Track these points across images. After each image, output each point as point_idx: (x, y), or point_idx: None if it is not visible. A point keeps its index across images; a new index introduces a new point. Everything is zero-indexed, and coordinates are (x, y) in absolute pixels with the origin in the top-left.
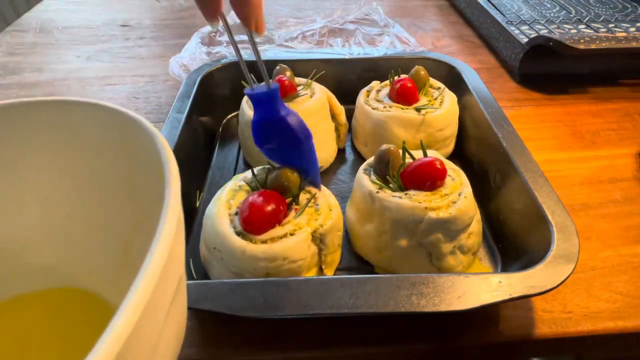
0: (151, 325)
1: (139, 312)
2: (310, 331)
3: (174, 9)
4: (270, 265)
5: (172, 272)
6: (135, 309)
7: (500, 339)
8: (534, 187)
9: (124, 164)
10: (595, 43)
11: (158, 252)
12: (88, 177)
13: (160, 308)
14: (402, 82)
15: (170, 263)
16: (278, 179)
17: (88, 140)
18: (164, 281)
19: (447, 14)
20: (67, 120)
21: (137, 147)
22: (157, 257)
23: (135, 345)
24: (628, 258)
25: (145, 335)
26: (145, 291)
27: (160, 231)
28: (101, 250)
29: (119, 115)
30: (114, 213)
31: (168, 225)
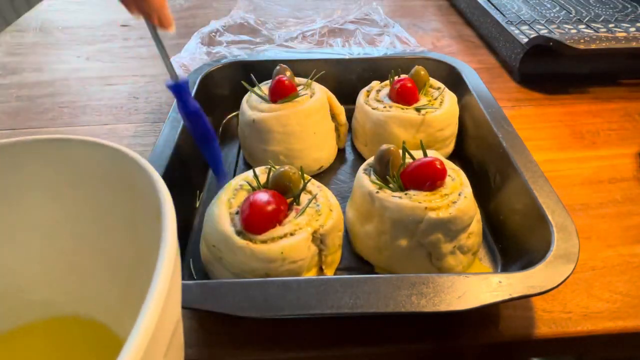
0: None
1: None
2: (310, 331)
3: (174, 9)
4: (270, 265)
5: (171, 309)
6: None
7: (500, 339)
8: (534, 187)
9: (124, 200)
10: (595, 43)
11: (158, 289)
12: (89, 213)
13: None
14: (402, 82)
15: (169, 300)
16: (279, 179)
17: (89, 177)
18: (164, 316)
19: (447, 14)
20: (70, 157)
21: (136, 184)
22: (157, 293)
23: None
24: (628, 258)
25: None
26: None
27: (160, 269)
28: (104, 283)
29: (120, 154)
30: (115, 247)
31: (167, 262)
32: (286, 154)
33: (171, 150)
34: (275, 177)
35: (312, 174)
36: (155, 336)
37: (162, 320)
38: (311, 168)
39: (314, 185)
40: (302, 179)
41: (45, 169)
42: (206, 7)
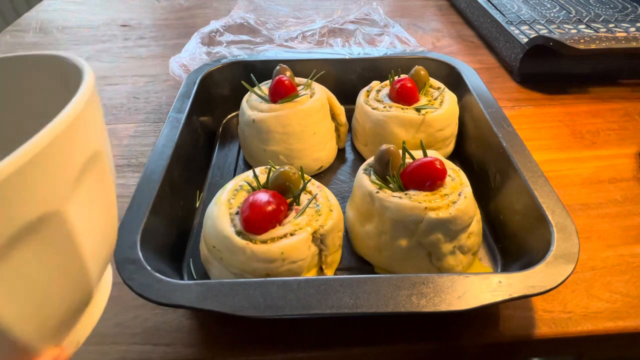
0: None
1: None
2: (310, 331)
3: (174, 9)
4: (271, 265)
5: (86, 133)
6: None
7: (500, 339)
8: (534, 187)
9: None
10: (595, 43)
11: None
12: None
13: (70, 158)
14: (402, 82)
15: (81, 123)
16: (279, 179)
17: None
18: (73, 134)
19: (447, 14)
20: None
21: (71, 79)
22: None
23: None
24: (628, 258)
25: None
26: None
27: (76, 97)
28: None
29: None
30: None
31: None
32: (286, 154)
33: (171, 150)
34: (275, 177)
35: (312, 174)
36: (64, 140)
37: (74, 130)
38: (311, 168)
39: (314, 185)
40: (302, 179)
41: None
42: (206, 7)
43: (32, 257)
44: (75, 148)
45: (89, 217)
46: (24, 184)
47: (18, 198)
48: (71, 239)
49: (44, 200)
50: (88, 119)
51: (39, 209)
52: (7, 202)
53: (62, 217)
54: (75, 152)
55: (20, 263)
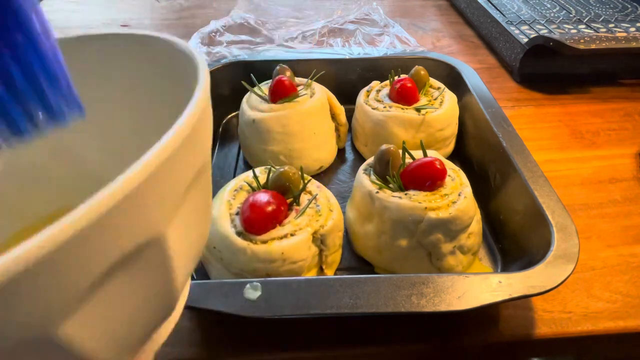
0: (169, 187)
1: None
2: (311, 331)
3: (174, 9)
4: (271, 265)
5: (196, 148)
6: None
7: (500, 339)
8: (534, 187)
9: (170, 84)
10: (595, 43)
11: (183, 122)
12: (139, 100)
13: (179, 178)
14: (402, 82)
15: (195, 137)
16: (279, 179)
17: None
18: (187, 150)
19: (447, 14)
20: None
21: (178, 66)
22: (182, 126)
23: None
24: (628, 258)
25: (158, 196)
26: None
27: (192, 105)
28: None
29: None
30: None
31: (200, 100)
32: (286, 154)
33: None
34: (275, 177)
35: (312, 174)
36: (178, 157)
37: (188, 145)
38: (311, 168)
39: (313, 185)
40: (302, 179)
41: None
42: (206, 7)
43: (124, 287)
44: (188, 162)
45: (186, 235)
46: (132, 210)
47: (123, 227)
48: (167, 263)
49: (148, 226)
50: (202, 128)
51: (142, 237)
52: (111, 232)
53: (163, 242)
54: (187, 167)
55: (113, 294)
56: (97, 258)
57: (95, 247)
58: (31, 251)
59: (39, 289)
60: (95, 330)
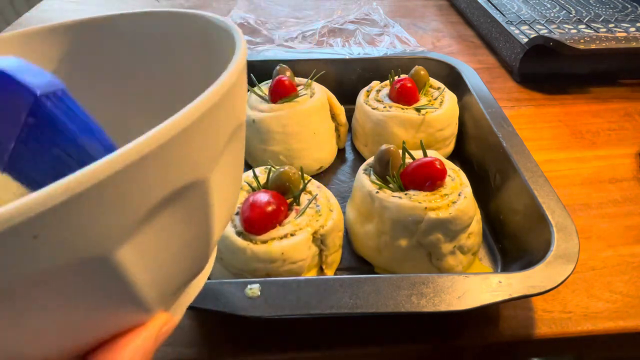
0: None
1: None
2: (310, 331)
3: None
4: (271, 265)
5: (235, 105)
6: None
7: (500, 339)
8: (534, 187)
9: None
10: (595, 43)
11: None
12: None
13: (221, 129)
14: (402, 82)
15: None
16: (279, 179)
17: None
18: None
19: (447, 14)
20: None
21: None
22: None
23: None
24: (628, 258)
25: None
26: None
27: (232, 63)
28: None
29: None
30: None
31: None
32: (286, 154)
33: None
34: (275, 177)
35: (312, 174)
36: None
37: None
38: (311, 168)
39: (313, 185)
40: (302, 179)
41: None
42: (206, 7)
43: (171, 224)
44: (228, 115)
45: (225, 186)
46: (183, 147)
47: (175, 162)
48: (208, 208)
49: (195, 167)
50: (240, 88)
51: (190, 176)
52: (165, 166)
53: (206, 186)
54: (228, 119)
55: (161, 229)
56: (153, 187)
57: (153, 177)
58: (102, 167)
59: (105, 208)
60: (145, 261)
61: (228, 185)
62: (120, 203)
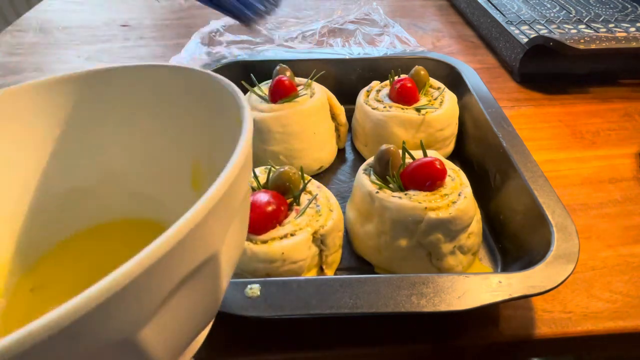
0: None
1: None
2: (310, 331)
3: (174, 9)
4: (271, 265)
5: (245, 177)
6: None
7: (500, 339)
8: (534, 187)
9: (208, 116)
10: (595, 43)
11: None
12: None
13: (232, 204)
14: (402, 82)
15: (245, 169)
16: (279, 179)
17: (180, 96)
18: (239, 180)
19: (447, 14)
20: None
21: (219, 101)
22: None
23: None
24: (628, 258)
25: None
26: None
27: (241, 143)
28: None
29: (206, 77)
30: (194, 156)
31: (247, 140)
32: (286, 154)
33: None
34: (275, 177)
35: (312, 174)
36: (230, 191)
37: (237, 182)
38: (311, 168)
39: (313, 185)
40: (302, 179)
41: (140, 90)
42: (206, 7)
43: (187, 298)
44: (239, 189)
45: (232, 249)
46: (200, 233)
47: (193, 247)
48: (219, 274)
49: (210, 245)
50: (249, 161)
51: (205, 254)
52: (184, 253)
53: (217, 257)
54: (238, 193)
55: (178, 304)
56: (173, 274)
57: (172, 266)
58: (128, 271)
59: (129, 302)
60: (164, 335)
61: (235, 243)
62: (144, 295)
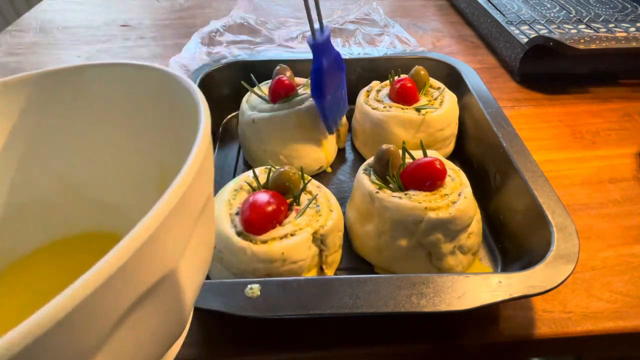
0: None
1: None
2: (310, 331)
3: (174, 9)
4: (271, 265)
5: (202, 186)
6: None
7: (500, 339)
8: (534, 187)
9: (170, 117)
10: (595, 43)
11: (192, 162)
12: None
13: (188, 215)
14: (402, 82)
15: (200, 177)
16: (279, 179)
17: (139, 96)
18: (194, 189)
19: (447, 14)
20: (123, 79)
21: (179, 101)
22: (190, 166)
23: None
24: (628, 258)
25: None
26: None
27: (195, 148)
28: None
29: (164, 74)
30: (159, 160)
31: (201, 144)
32: (286, 154)
33: None
34: (275, 177)
35: (312, 174)
36: (187, 197)
37: (194, 188)
38: (311, 168)
39: (313, 185)
40: (302, 179)
41: (101, 90)
42: (206, 7)
43: (144, 317)
44: (195, 199)
45: (194, 264)
46: (153, 249)
47: (144, 266)
48: (179, 292)
49: (165, 262)
50: (206, 165)
51: (159, 273)
52: (134, 273)
53: (175, 275)
54: (195, 203)
55: (135, 324)
56: (121, 298)
57: (119, 289)
58: (69, 298)
59: (76, 330)
60: (123, 357)
61: (199, 257)
62: (91, 321)
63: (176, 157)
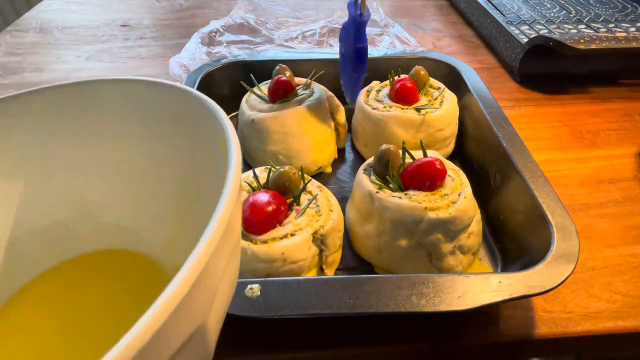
0: (211, 278)
1: (197, 274)
2: (310, 331)
3: (174, 9)
4: (271, 265)
5: (230, 237)
6: (194, 271)
7: (500, 339)
8: (534, 187)
9: (190, 137)
10: (595, 43)
11: (219, 218)
12: (157, 149)
13: (218, 269)
14: (402, 82)
15: (229, 230)
16: (279, 179)
17: (158, 114)
18: (221, 246)
19: (447, 14)
20: (141, 97)
21: (201, 122)
22: (218, 222)
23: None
24: (628, 258)
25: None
26: (204, 254)
27: (224, 198)
28: (161, 217)
29: (186, 94)
30: (177, 182)
31: (231, 193)
32: (285, 154)
33: None
34: (275, 177)
35: (311, 174)
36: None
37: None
38: (311, 168)
39: (313, 185)
40: (302, 179)
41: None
42: (206, 7)
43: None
44: (226, 249)
45: (221, 311)
46: (189, 304)
47: (183, 318)
48: (208, 339)
49: (197, 317)
50: (237, 208)
51: (192, 327)
52: (177, 322)
53: (205, 325)
54: (224, 254)
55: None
56: (161, 353)
57: (160, 345)
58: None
59: None
60: None
61: (225, 303)
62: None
63: (195, 179)
